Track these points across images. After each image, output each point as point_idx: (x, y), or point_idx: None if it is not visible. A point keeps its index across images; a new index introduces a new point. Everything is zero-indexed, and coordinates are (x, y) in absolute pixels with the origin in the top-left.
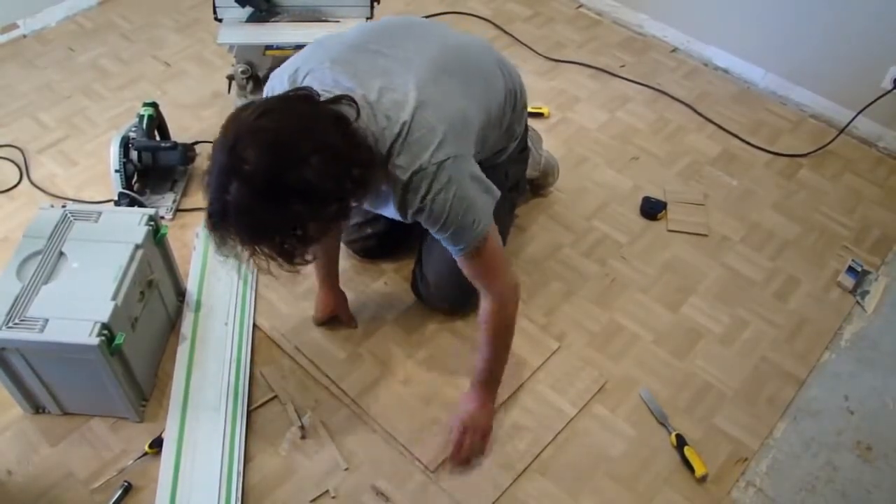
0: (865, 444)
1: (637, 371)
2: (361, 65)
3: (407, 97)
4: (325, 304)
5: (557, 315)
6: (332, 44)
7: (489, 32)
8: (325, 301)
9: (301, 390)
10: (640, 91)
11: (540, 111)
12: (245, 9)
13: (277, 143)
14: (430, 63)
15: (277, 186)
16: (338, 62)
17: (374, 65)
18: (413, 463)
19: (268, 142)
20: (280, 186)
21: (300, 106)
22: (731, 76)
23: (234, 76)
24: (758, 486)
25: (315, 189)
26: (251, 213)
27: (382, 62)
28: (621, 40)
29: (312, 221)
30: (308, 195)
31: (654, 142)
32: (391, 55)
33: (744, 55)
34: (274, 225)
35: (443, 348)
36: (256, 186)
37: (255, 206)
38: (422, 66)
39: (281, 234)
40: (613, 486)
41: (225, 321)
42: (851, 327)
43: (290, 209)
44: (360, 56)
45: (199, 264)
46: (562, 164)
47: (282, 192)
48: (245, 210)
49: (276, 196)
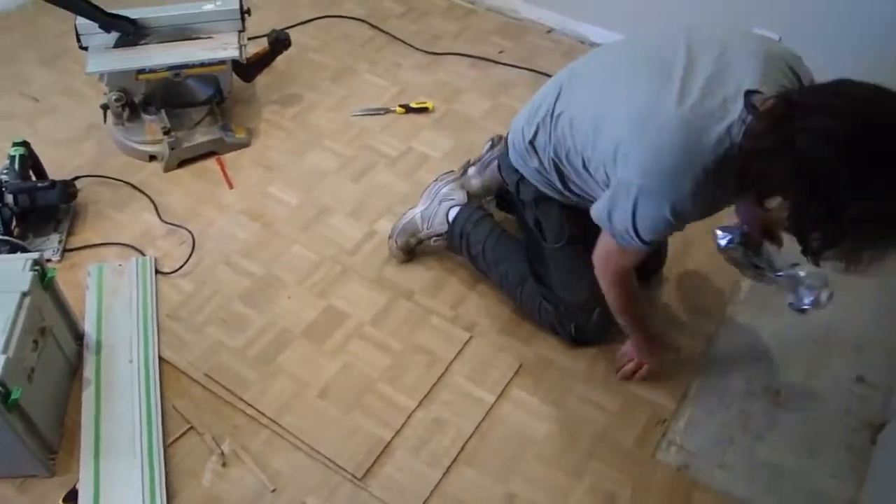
0: (774, 388)
1: (550, 351)
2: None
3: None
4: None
5: (466, 305)
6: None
7: (365, 33)
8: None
9: (217, 418)
10: (522, 75)
11: (424, 105)
12: (111, 34)
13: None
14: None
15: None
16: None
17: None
18: (340, 473)
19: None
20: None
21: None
22: None
23: (108, 105)
24: (679, 444)
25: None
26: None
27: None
28: (497, 27)
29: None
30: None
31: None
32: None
33: (618, 29)
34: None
35: (357, 356)
36: None
37: None
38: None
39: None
40: (542, 467)
41: (129, 359)
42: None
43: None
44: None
45: (94, 304)
46: (451, 154)
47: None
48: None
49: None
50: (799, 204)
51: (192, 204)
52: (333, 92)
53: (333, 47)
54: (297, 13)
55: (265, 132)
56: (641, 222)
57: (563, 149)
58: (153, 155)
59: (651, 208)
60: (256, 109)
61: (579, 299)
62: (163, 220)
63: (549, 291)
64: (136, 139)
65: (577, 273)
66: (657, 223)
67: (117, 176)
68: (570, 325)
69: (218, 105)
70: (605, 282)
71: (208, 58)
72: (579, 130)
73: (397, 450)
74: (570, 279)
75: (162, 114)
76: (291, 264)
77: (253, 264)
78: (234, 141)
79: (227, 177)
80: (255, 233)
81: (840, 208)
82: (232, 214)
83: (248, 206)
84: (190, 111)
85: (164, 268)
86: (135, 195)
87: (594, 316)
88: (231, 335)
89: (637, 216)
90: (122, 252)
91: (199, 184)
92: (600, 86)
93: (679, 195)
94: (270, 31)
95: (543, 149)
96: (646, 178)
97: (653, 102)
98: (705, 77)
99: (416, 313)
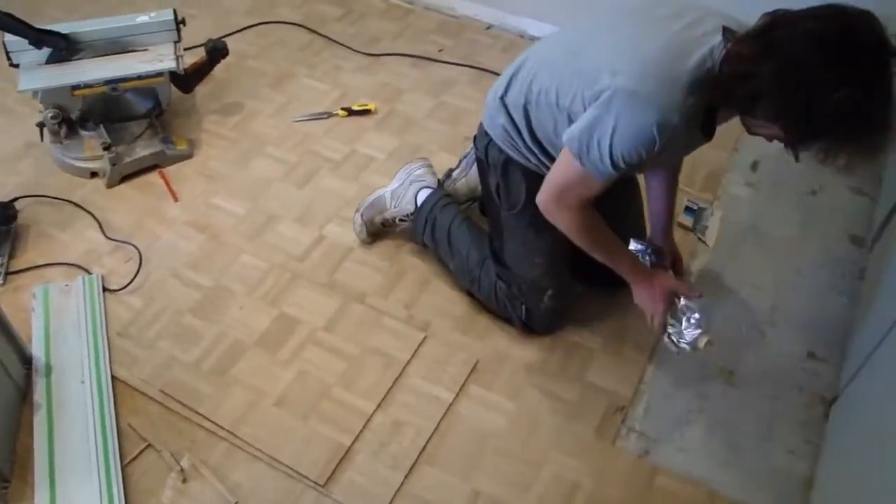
0: (728, 369)
1: (506, 345)
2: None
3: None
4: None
5: (418, 305)
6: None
7: (303, 37)
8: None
9: (174, 433)
10: (463, 72)
11: (367, 108)
12: (42, 50)
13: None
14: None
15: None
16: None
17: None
18: (302, 481)
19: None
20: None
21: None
22: None
23: (44, 123)
24: (639, 431)
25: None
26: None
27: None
28: (436, 25)
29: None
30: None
31: None
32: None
33: (555, 21)
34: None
35: (312, 362)
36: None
37: None
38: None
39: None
40: (504, 461)
41: (81, 379)
42: (697, 263)
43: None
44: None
45: (41, 326)
46: (396, 155)
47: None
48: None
49: None
50: (784, 100)
51: (137, 219)
52: (274, 98)
53: (271, 53)
54: (232, 21)
55: (207, 142)
56: (621, 137)
57: (537, 87)
58: (94, 171)
59: (637, 119)
60: (197, 120)
61: (530, 276)
62: (108, 237)
63: (504, 270)
64: (76, 156)
65: (528, 246)
66: (639, 137)
67: (58, 195)
68: (521, 308)
69: (158, 118)
70: (564, 217)
71: (145, 70)
72: (557, 60)
73: (358, 454)
74: (521, 251)
75: (101, 129)
76: (241, 274)
77: (202, 277)
78: (176, 153)
79: (171, 190)
80: (203, 245)
81: (822, 99)
82: (178, 227)
83: (194, 218)
84: (129, 125)
85: (112, 285)
86: (77, 213)
87: (545, 298)
88: (184, 349)
89: (618, 130)
90: (68, 272)
91: (142, 198)
92: (584, 29)
93: (667, 104)
94: (207, 41)
95: (514, 101)
96: (637, 84)
97: (639, 31)
98: (686, 22)
99: (369, 316)
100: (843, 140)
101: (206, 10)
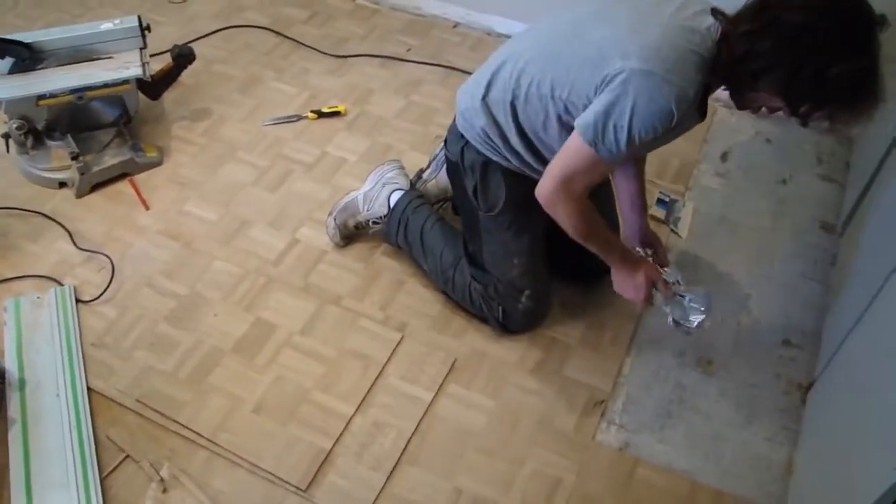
0: (706, 359)
1: (483, 343)
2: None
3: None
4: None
5: (394, 306)
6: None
7: (270, 40)
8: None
9: (153, 443)
10: (431, 71)
11: (337, 110)
12: (5, 60)
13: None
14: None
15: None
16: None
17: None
18: (284, 487)
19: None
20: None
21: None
22: None
23: (9, 134)
24: (619, 424)
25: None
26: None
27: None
28: (403, 25)
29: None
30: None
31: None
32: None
33: (523, 18)
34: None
35: (289, 367)
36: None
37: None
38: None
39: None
40: (485, 459)
41: (56, 392)
42: (671, 254)
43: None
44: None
45: (13, 339)
46: (367, 157)
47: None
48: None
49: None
50: (787, 74)
51: (108, 228)
52: (243, 103)
53: (239, 58)
54: (198, 26)
55: (177, 149)
56: (640, 116)
57: (526, 81)
58: (63, 182)
59: (656, 96)
60: (166, 127)
61: (508, 277)
62: (79, 248)
63: (480, 272)
64: (43, 167)
65: (508, 247)
66: (659, 114)
67: (27, 206)
68: (497, 309)
69: (126, 125)
70: (566, 207)
71: (111, 78)
72: (547, 53)
73: (339, 457)
74: (500, 253)
75: (68, 139)
76: (215, 281)
77: (176, 284)
78: (146, 161)
79: (141, 198)
80: (176, 252)
81: (824, 71)
82: (150, 235)
83: (166, 225)
84: (97, 134)
85: (85, 296)
86: (47, 224)
87: (522, 299)
88: (160, 358)
89: (637, 108)
90: (39, 284)
91: (113, 207)
92: (567, 21)
93: (683, 80)
94: (173, 47)
95: (499, 99)
96: (651, 65)
97: (635, 18)
98: (675, 6)
99: (345, 318)
100: (844, 107)
101: (171, 16)
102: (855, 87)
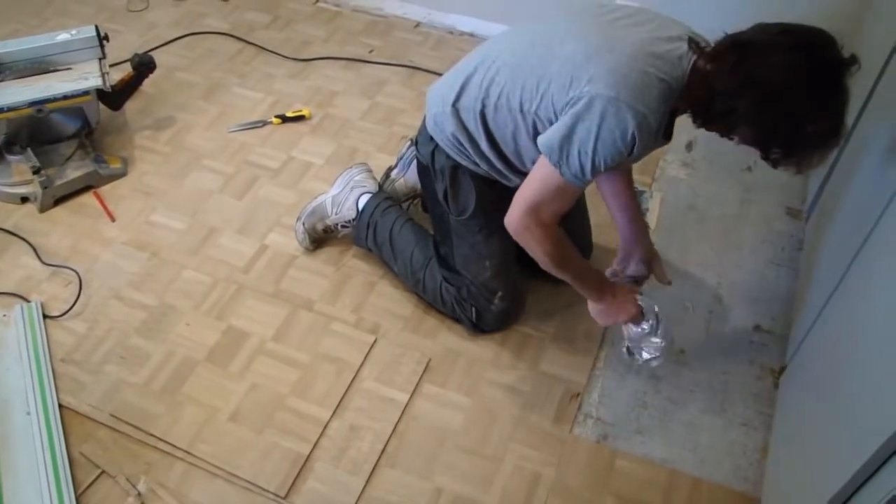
0: (679, 348)
1: (456, 342)
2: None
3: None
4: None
5: (366, 308)
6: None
7: (232, 46)
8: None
9: (128, 457)
10: (395, 71)
11: (301, 113)
12: None
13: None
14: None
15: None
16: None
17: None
18: (263, 495)
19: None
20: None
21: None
22: (477, 38)
23: None
24: (595, 417)
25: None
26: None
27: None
28: (364, 26)
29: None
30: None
31: (419, 117)
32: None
33: (484, 16)
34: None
35: (264, 374)
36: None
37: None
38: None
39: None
40: (464, 457)
41: (26, 411)
42: None
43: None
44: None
45: None
46: (333, 160)
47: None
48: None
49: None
50: (764, 131)
51: (74, 242)
52: (207, 110)
53: (201, 64)
54: (158, 34)
55: (141, 159)
56: (604, 142)
57: (496, 91)
58: (25, 196)
59: (619, 123)
60: (129, 137)
61: (481, 279)
62: (44, 263)
63: (451, 274)
64: (4, 182)
65: (479, 250)
66: (621, 141)
67: None
68: (470, 310)
69: (88, 137)
70: (537, 235)
71: (70, 90)
72: (519, 63)
73: (317, 462)
74: (472, 256)
75: (28, 152)
76: (185, 290)
77: (145, 296)
78: (110, 172)
79: (107, 209)
80: (144, 263)
81: (802, 126)
82: (117, 247)
83: (133, 236)
84: (59, 146)
85: (53, 311)
86: (11, 240)
87: (495, 300)
88: (132, 371)
89: (601, 133)
90: (5, 301)
91: (78, 220)
92: (542, 31)
93: (645, 108)
94: (133, 55)
95: (469, 106)
96: (617, 90)
97: (607, 36)
98: (649, 28)
99: (318, 322)
100: (816, 153)
101: (130, 25)
102: (827, 137)
